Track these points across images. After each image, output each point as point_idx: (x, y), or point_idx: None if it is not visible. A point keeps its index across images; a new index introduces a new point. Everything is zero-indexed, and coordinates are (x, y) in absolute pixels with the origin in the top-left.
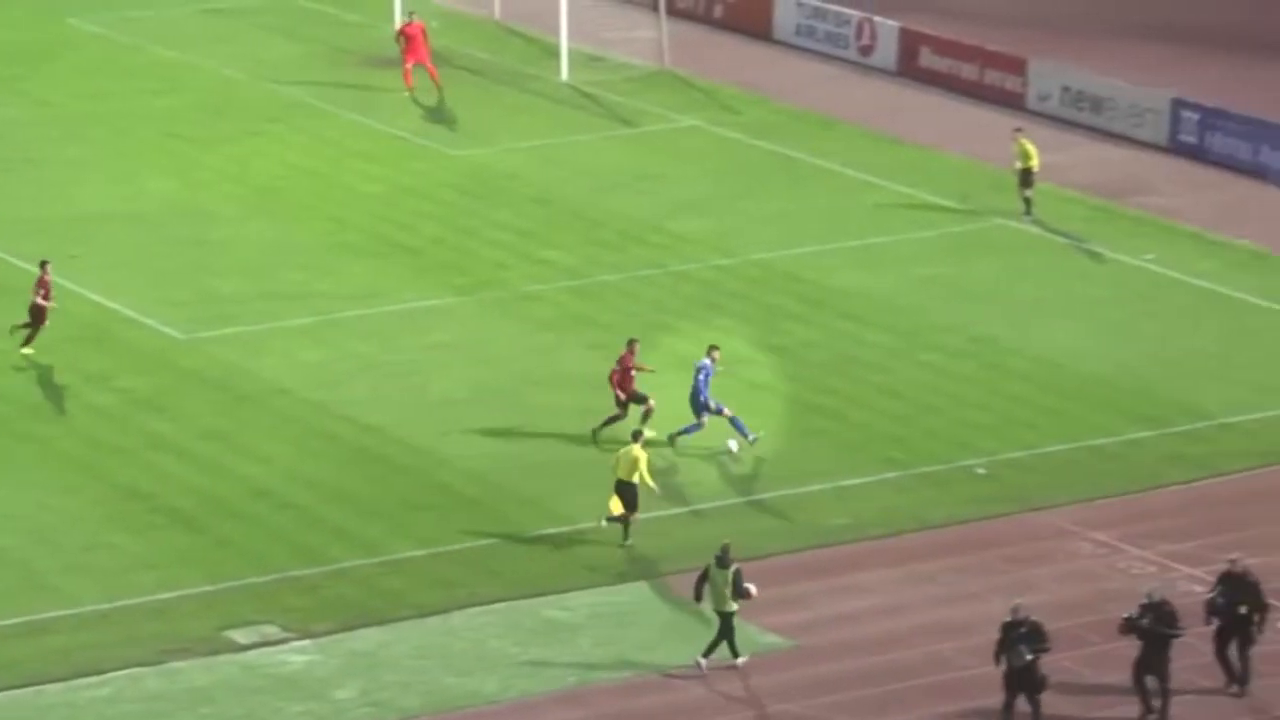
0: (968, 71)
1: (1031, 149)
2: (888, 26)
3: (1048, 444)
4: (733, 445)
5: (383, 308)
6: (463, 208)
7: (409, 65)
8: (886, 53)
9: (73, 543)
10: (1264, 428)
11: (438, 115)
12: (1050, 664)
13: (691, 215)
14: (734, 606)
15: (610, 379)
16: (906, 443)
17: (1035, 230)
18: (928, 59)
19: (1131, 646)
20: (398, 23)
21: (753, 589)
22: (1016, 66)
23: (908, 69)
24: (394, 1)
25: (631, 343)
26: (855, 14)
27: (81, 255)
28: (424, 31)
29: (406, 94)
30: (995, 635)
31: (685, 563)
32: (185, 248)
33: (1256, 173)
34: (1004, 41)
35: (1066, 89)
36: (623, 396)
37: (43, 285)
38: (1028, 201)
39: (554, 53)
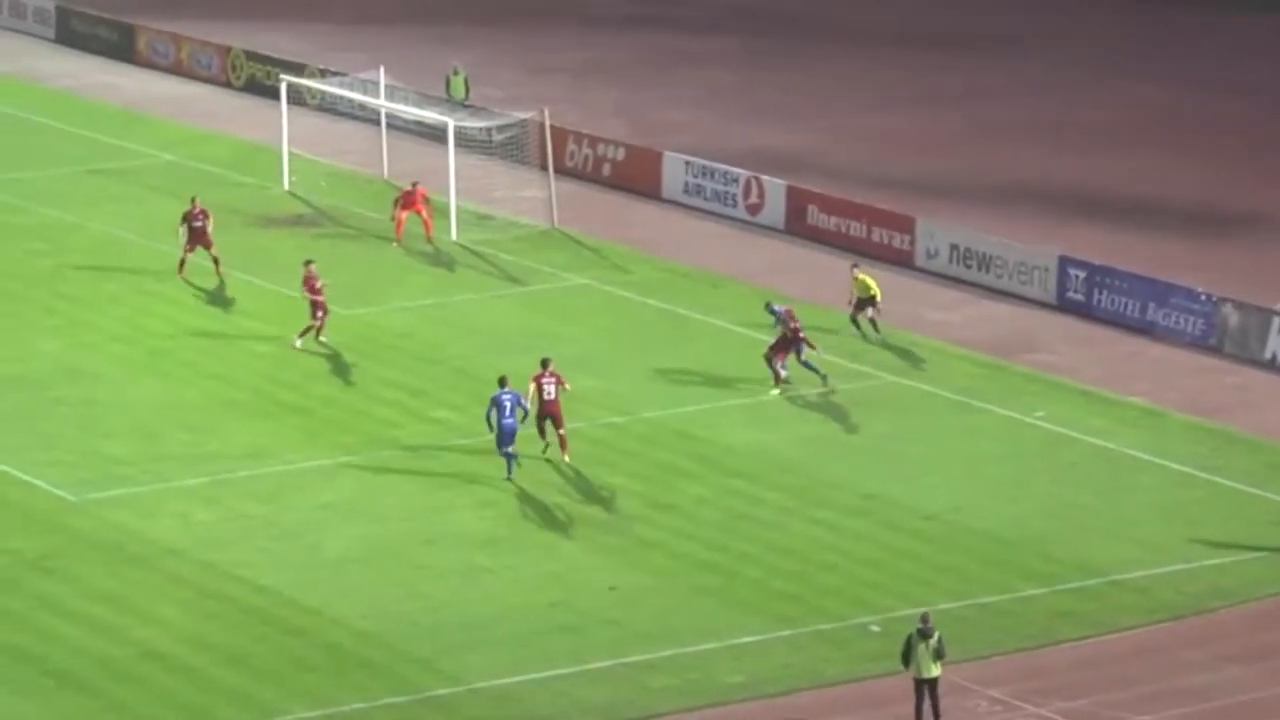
0: (855, 229)
1: (871, 281)
2: (775, 185)
3: (941, 601)
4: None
5: (273, 467)
6: (353, 366)
7: (404, 216)
8: (774, 211)
9: None
10: (1154, 584)
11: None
12: None
13: (582, 373)
14: (937, 671)
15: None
16: (801, 600)
17: (925, 387)
18: (815, 217)
19: None
20: (286, 184)
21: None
22: (904, 225)
23: (796, 227)
24: (283, 164)
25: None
26: (743, 172)
27: None
28: (425, 197)
29: (395, 246)
30: None
31: None
32: (74, 408)
33: (1144, 330)
34: (890, 200)
35: (955, 247)
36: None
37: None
38: (874, 324)
39: (443, 211)
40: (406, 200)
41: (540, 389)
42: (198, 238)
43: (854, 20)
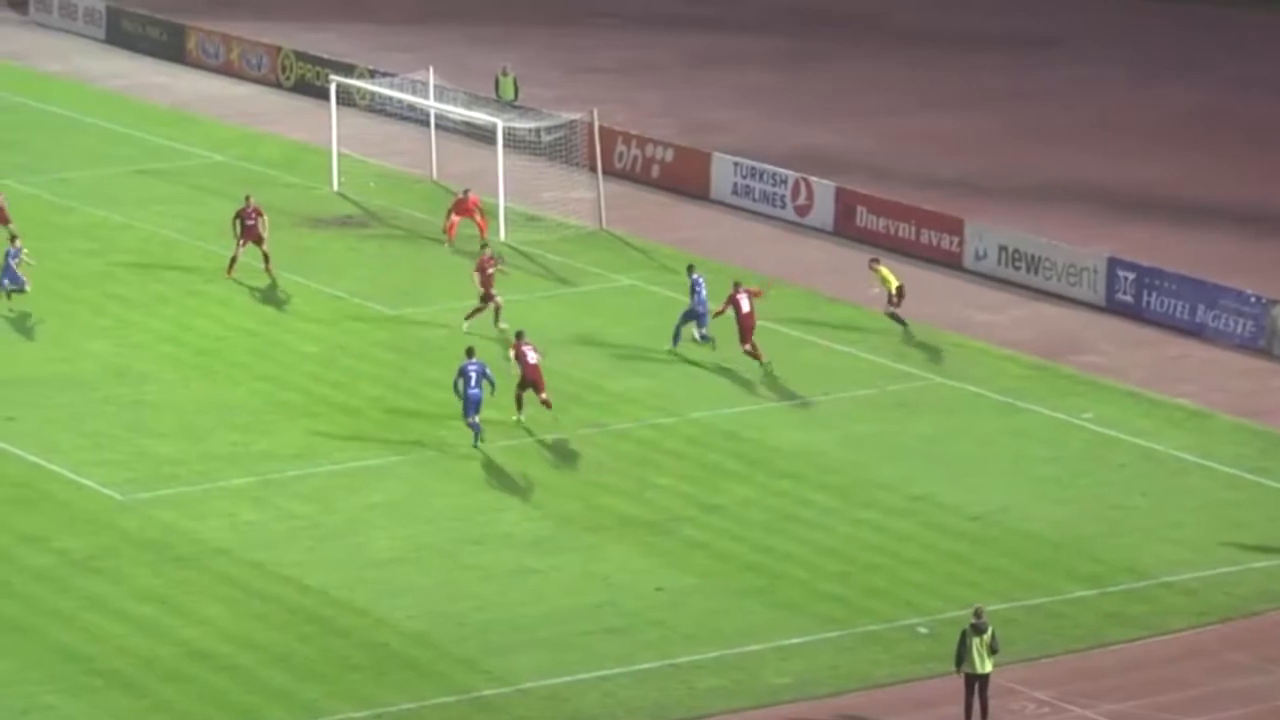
0: (904, 231)
1: (888, 273)
2: (824, 186)
3: (988, 602)
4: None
5: (320, 468)
6: (400, 367)
7: (456, 220)
8: (823, 212)
9: (9, 705)
10: (1203, 586)
11: (381, 275)
12: None
13: (630, 374)
14: (990, 667)
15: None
16: (847, 601)
17: (972, 388)
18: (864, 218)
19: None
20: (335, 185)
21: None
22: (953, 226)
23: (845, 228)
24: (332, 164)
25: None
26: (792, 174)
27: (18, 417)
28: (478, 205)
29: (447, 247)
30: None
31: None
32: (122, 408)
33: (1193, 332)
34: (939, 201)
35: (1003, 248)
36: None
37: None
38: (899, 320)
39: (492, 212)
40: (459, 207)
41: (523, 358)
42: (249, 235)
43: (898, 21)
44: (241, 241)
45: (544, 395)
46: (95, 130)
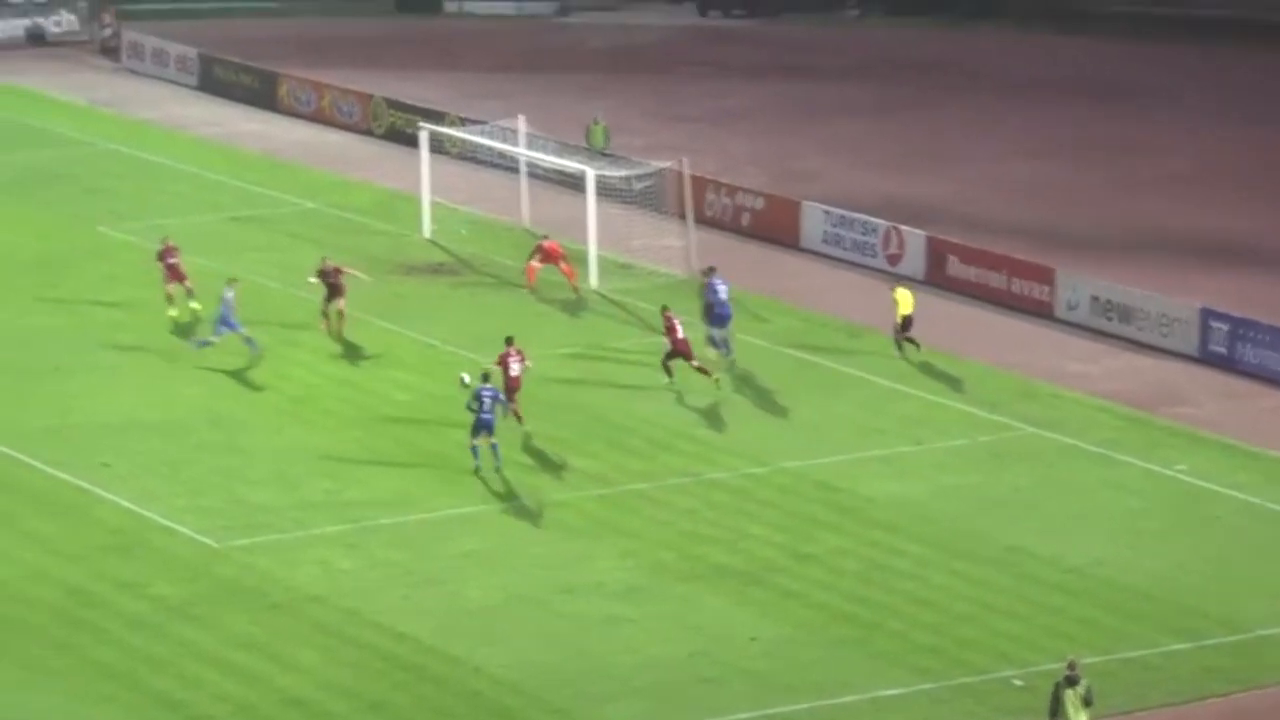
0: (995, 280)
1: (903, 298)
2: (915, 235)
3: (1083, 655)
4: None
5: (414, 515)
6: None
7: (538, 266)
8: (914, 261)
9: None
10: None
11: (473, 321)
12: None
13: (722, 423)
14: (1085, 719)
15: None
16: (942, 653)
17: (1066, 439)
18: (956, 268)
19: None
20: (427, 232)
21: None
22: (1045, 275)
23: (935, 277)
24: (423, 211)
25: None
26: (883, 223)
27: (113, 464)
28: (558, 250)
29: (527, 289)
30: None
31: None
32: (217, 455)
33: None
34: (1028, 250)
35: (1095, 298)
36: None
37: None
38: (905, 343)
39: (583, 260)
40: (539, 253)
41: (506, 367)
42: (335, 292)
43: (986, 69)
44: (327, 298)
45: (513, 406)
46: (189, 177)
